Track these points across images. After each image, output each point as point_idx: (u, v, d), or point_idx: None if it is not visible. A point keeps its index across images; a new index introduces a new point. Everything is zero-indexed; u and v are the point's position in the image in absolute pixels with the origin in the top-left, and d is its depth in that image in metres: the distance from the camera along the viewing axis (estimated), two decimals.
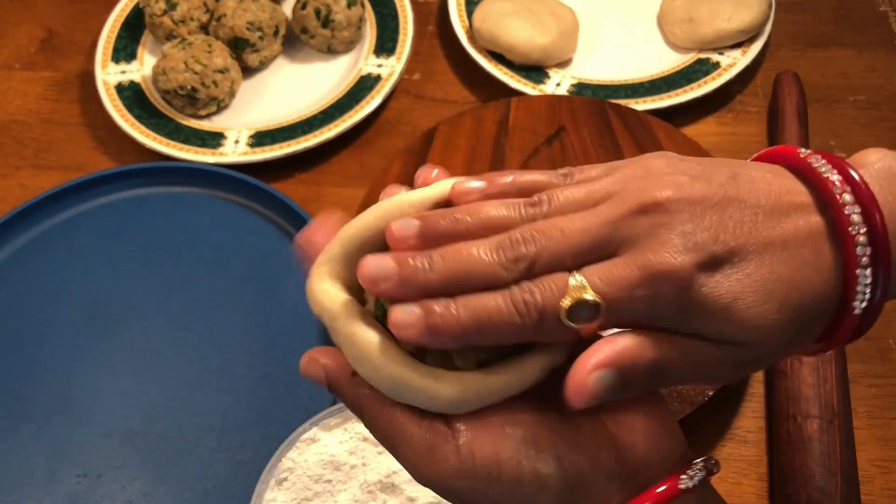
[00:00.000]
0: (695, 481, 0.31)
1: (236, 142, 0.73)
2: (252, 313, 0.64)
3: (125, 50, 0.81)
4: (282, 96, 0.78)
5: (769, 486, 0.56)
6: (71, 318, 0.65)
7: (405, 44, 0.79)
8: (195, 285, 0.66)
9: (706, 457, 0.33)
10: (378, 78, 0.77)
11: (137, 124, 0.75)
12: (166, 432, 0.59)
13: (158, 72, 0.74)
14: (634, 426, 0.32)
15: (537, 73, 0.76)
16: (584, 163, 0.37)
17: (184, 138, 0.74)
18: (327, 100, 0.76)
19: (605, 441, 0.32)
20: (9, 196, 0.74)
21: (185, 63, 0.73)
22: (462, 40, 0.79)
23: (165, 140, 0.73)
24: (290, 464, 0.51)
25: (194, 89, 0.73)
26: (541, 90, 0.74)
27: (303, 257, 0.35)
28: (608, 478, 0.31)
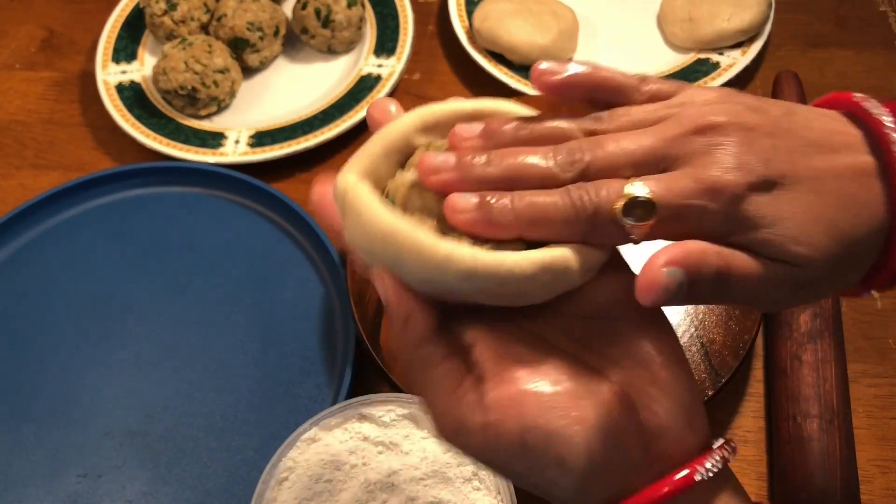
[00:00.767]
0: (711, 472, 0.32)
1: (236, 142, 0.73)
2: (252, 313, 0.64)
3: (125, 50, 0.81)
4: (282, 96, 0.78)
5: (769, 485, 0.56)
6: (71, 318, 0.65)
7: (405, 44, 0.79)
8: (195, 285, 0.66)
9: (724, 441, 0.33)
10: (378, 78, 0.77)
11: (138, 124, 0.75)
12: (166, 432, 0.59)
13: (159, 72, 0.74)
14: (666, 414, 0.32)
15: None
16: None
17: (184, 138, 0.74)
18: (327, 100, 0.76)
19: (636, 429, 0.32)
20: (9, 196, 0.74)
21: (186, 63, 0.73)
22: (462, 40, 0.79)
23: (166, 140, 0.73)
24: (290, 463, 0.51)
25: (195, 89, 0.73)
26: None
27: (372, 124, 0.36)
28: (631, 467, 0.32)
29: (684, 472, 0.31)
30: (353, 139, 0.76)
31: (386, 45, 0.79)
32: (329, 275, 0.65)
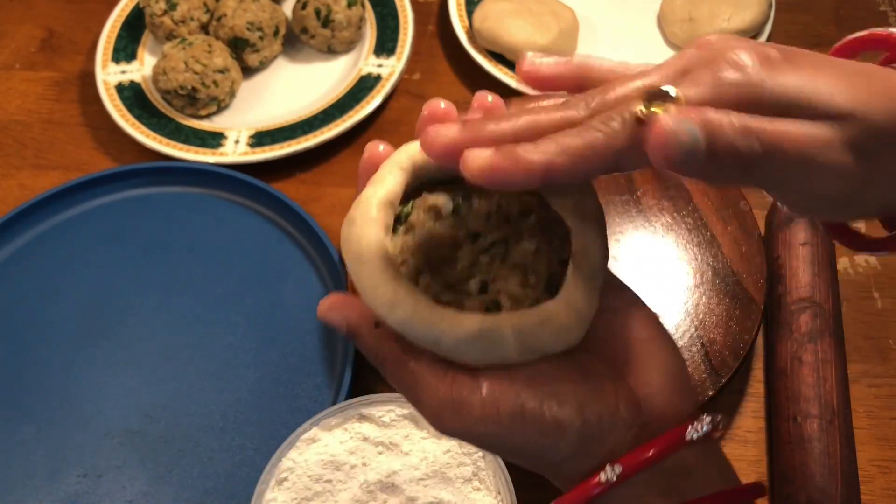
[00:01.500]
0: (700, 434, 0.33)
1: (236, 142, 0.73)
2: (252, 313, 0.64)
3: (125, 50, 0.81)
4: (282, 96, 0.78)
5: (769, 485, 0.56)
6: (71, 318, 0.65)
7: (405, 44, 0.79)
8: (195, 285, 0.66)
9: (714, 413, 0.34)
10: (378, 78, 0.77)
11: (138, 124, 0.75)
12: (166, 432, 0.59)
13: (159, 72, 0.74)
14: (653, 380, 0.34)
15: None
16: None
17: (184, 138, 0.74)
18: (327, 100, 0.76)
19: (625, 394, 0.33)
20: (9, 196, 0.74)
21: (186, 63, 0.73)
22: (462, 40, 0.79)
23: (165, 140, 0.73)
24: (290, 464, 0.51)
25: (194, 89, 0.73)
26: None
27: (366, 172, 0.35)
28: (625, 428, 0.33)
29: (674, 436, 0.32)
30: (354, 139, 0.76)
31: (386, 45, 0.79)
32: (329, 275, 0.65)
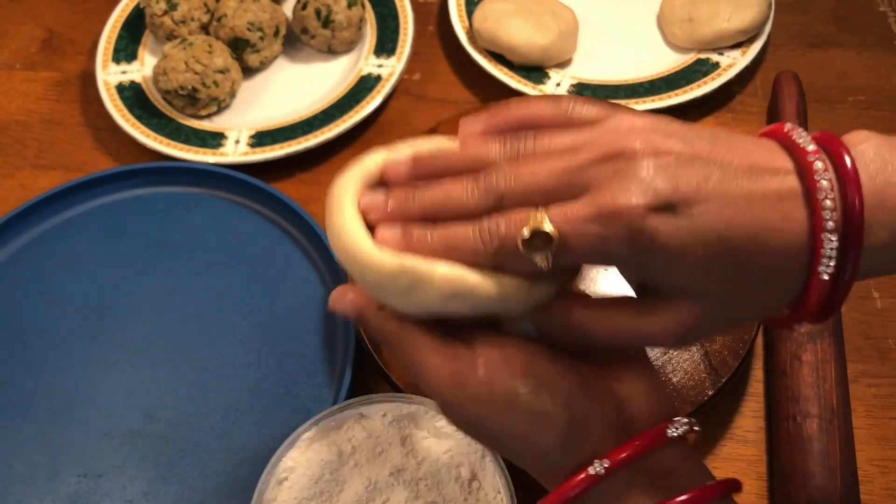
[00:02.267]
0: (679, 432, 0.35)
1: (237, 142, 0.73)
2: (252, 313, 0.64)
3: (126, 50, 0.81)
4: (282, 96, 0.78)
5: (769, 485, 0.56)
6: (71, 318, 0.65)
7: (405, 44, 0.79)
8: (195, 285, 0.66)
9: (687, 417, 0.36)
10: (378, 78, 0.77)
11: (138, 124, 0.75)
12: (167, 432, 0.59)
13: (159, 72, 0.74)
14: (633, 384, 0.37)
15: (537, 73, 0.76)
16: None
17: (184, 138, 0.74)
18: (327, 100, 0.76)
19: (608, 394, 0.36)
20: (9, 196, 0.74)
21: (186, 63, 0.73)
22: (462, 40, 0.79)
23: (166, 140, 0.73)
24: (290, 463, 0.51)
25: (195, 89, 0.73)
26: (541, 90, 0.74)
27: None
28: (607, 426, 0.35)
29: (656, 433, 0.35)
30: (354, 139, 0.76)
31: (386, 46, 0.79)
32: (329, 275, 0.65)
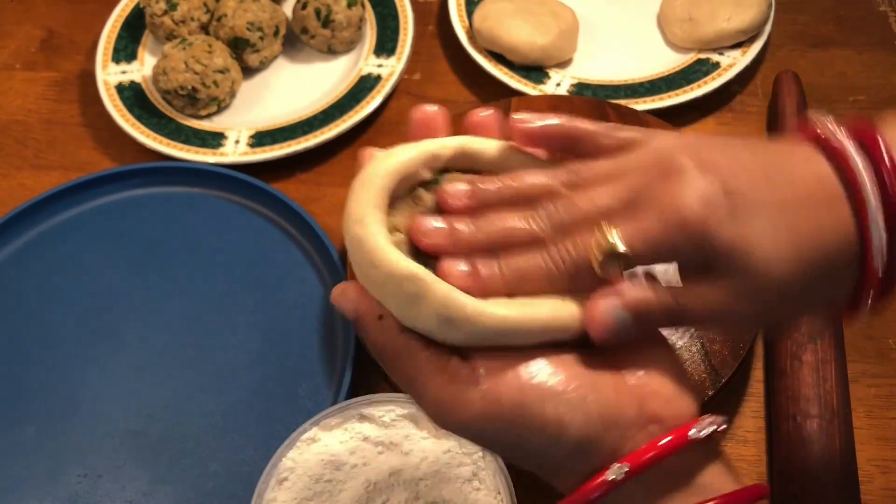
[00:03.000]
0: (703, 434, 0.33)
1: (236, 142, 0.73)
2: (252, 313, 0.64)
3: (125, 50, 0.81)
4: (282, 96, 0.78)
5: (769, 485, 0.56)
6: (71, 318, 0.65)
7: (405, 44, 0.79)
8: (195, 285, 0.66)
9: (714, 414, 0.34)
10: (378, 78, 0.77)
11: (138, 124, 0.75)
12: (166, 432, 0.59)
13: (159, 72, 0.74)
14: (654, 379, 0.34)
15: (537, 73, 0.76)
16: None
17: (184, 138, 0.74)
18: (327, 100, 0.76)
19: (626, 392, 0.34)
20: (9, 196, 0.74)
21: (186, 63, 0.73)
22: (462, 40, 0.79)
23: (166, 140, 0.73)
24: (290, 463, 0.51)
25: (195, 89, 0.73)
26: (541, 90, 0.74)
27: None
28: (626, 427, 0.33)
29: (678, 434, 0.33)
30: (354, 139, 0.76)
31: (386, 45, 0.79)
32: (329, 275, 0.65)
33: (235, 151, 0.73)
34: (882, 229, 0.33)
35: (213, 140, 0.74)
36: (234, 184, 0.70)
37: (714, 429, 0.34)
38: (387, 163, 0.36)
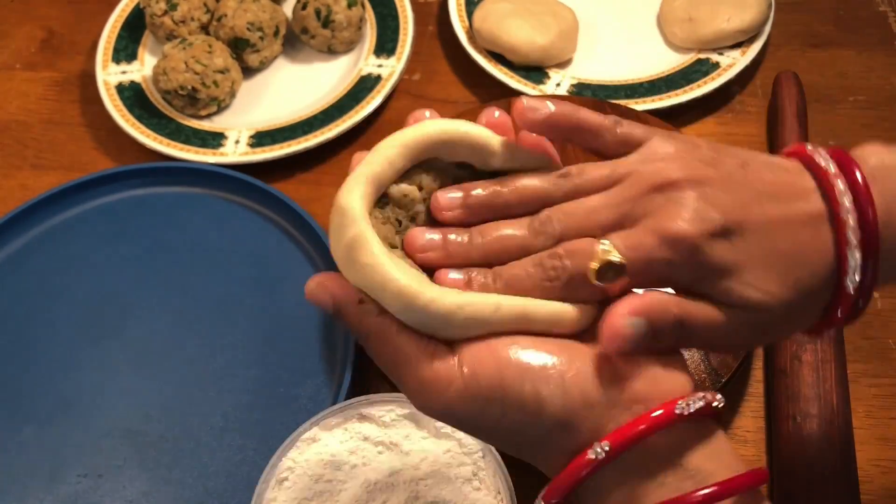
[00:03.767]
0: (691, 408, 0.32)
1: (237, 142, 0.73)
2: (252, 313, 0.64)
3: (126, 50, 0.81)
4: (282, 96, 0.78)
5: (769, 485, 0.56)
6: (71, 318, 0.65)
7: (405, 44, 0.79)
8: (195, 285, 0.66)
9: (711, 392, 0.33)
10: (378, 78, 0.77)
11: (138, 124, 0.75)
12: (167, 432, 0.59)
13: (159, 72, 0.74)
14: (639, 361, 0.34)
15: (537, 73, 0.76)
16: (583, 162, 0.40)
17: (184, 138, 0.74)
18: (328, 100, 0.76)
19: (608, 371, 0.33)
20: (9, 196, 0.74)
21: (186, 63, 0.73)
22: (462, 40, 0.79)
23: (166, 140, 0.73)
24: (290, 463, 0.51)
25: (195, 89, 0.73)
26: (541, 90, 0.74)
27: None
28: (607, 406, 0.33)
29: (659, 412, 0.32)
30: (354, 139, 0.76)
31: (386, 46, 0.79)
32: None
33: (235, 151, 0.73)
34: (858, 252, 0.34)
35: (213, 140, 0.74)
36: (234, 184, 0.70)
37: (702, 404, 0.32)
38: (394, 140, 0.36)
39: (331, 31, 0.78)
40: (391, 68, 0.77)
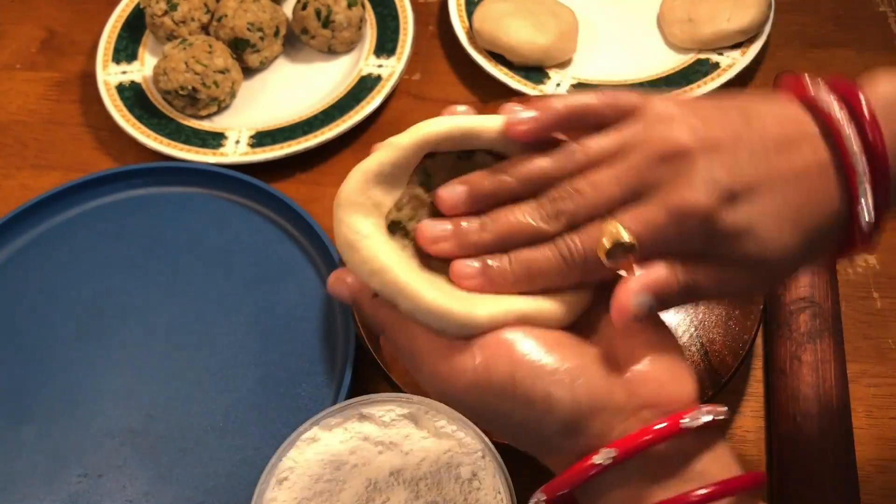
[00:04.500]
0: (696, 423, 0.33)
1: (237, 142, 0.74)
2: (252, 313, 0.64)
3: (126, 50, 0.81)
4: (282, 97, 0.78)
5: (769, 485, 0.56)
6: (71, 318, 0.65)
7: (405, 44, 0.79)
8: (195, 285, 0.66)
9: (715, 404, 0.34)
10: (378, 78, 0.77)
11: (138, 124, 0.75)
12: (167, 432, 0.59)
13: (159, 72, 0.74)
14: (647, 366, 0.34)
15: (537, 73, 0.76)
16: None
17: (184, 138, 0.74)
18: (328, 100, 0.76)
19: (617, 377, 0.34)
20: (10, 196, 0.74)
21: (186, 63, 0.73)
22: (462, 41, 0.79)
23: (166, 140, 0.73)
24: (290, 463, 0.51)
25: (195, 90, 0.73)
26: (541, 91, 0.74)
27: None
28: (615, 411, 0.33)
29: (663, 424, 0.33)
30: (354, 139, 0.76)
31: (386, 46, 0.79)
32: (329, 275, 0.65)
33: (236, 151, 0.73)
34: (870, 193, 0.34)
35: (214, 140, 0.74)
36: (234, 184, 0.70)
37: (710, 419, 0.33)
38: (407, 137, 0.37)
39: (331, 31, 0.78)
40: (391, 68, 0.77)
